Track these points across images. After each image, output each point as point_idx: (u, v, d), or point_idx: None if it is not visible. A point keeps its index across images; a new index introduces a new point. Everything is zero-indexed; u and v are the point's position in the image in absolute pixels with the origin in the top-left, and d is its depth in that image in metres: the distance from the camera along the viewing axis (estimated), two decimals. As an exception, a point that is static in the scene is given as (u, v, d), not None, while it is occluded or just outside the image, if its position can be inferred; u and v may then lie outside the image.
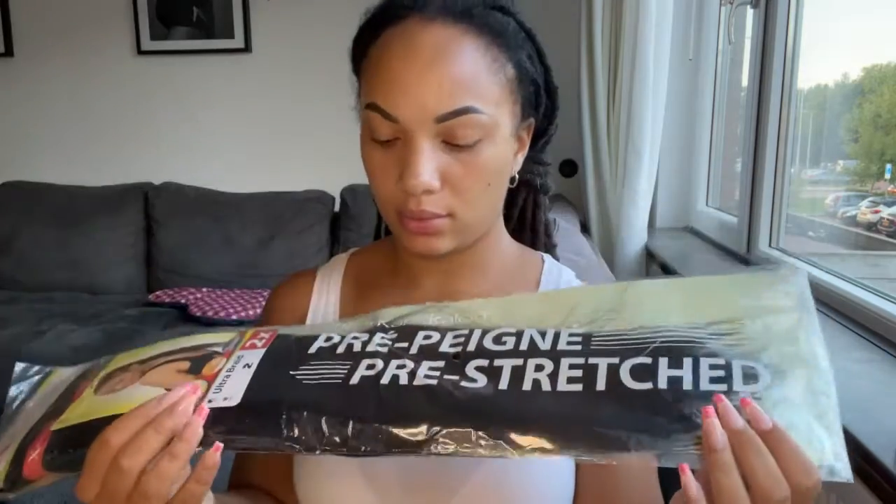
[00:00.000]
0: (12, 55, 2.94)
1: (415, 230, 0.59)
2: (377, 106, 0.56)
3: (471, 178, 0.58)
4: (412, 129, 0.56)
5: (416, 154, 0.55)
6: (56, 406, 0.53)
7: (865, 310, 1.11)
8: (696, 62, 2.17)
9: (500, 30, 0.60)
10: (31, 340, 2.12)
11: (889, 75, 1.39)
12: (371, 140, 0.59)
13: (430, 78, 0.55)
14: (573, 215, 2.12)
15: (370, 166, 0.60)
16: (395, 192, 0.58)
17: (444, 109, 0.55)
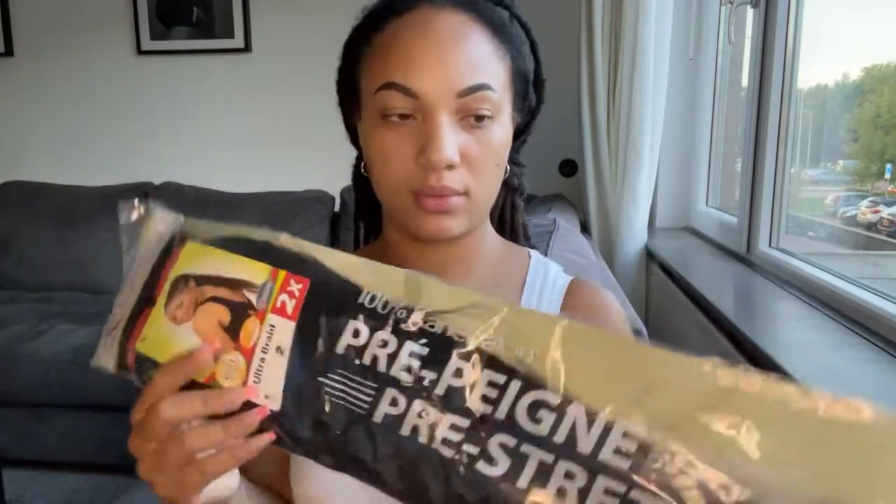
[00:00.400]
0: (12, 55, 2.95)
1: (432, 208, 0.59)
2: (396, 83, 0.58)
3: (485, 155, 0.60)
4: (434, 104, 0.58)
5: (440, 129, 0.57)
6: (147, 289, 0.55)
7: (865, 310, 1.11)
8: (696, 62, 2.17)
9: (500, 22, 0.63)
10: (31, 340, 2.12)
11: (889, 75, 1.39)
12: (383, 121, 0.59)
13: (450, 56, 0.58)
14: (573, 215, 2.12)
15: (383, 147, 0.60)
16: (412, 170, 0.59)
17: (465, 84, 0.58)
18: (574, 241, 1.44)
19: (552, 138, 2.72)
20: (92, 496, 2.09)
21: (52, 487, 2.13)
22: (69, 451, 2.15)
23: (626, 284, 2.01)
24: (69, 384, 2.04)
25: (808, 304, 1.25)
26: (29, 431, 2.15)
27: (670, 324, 1.77)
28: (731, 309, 1.30)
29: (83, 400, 2.06)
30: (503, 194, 0.74)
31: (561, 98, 2.72)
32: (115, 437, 2.12)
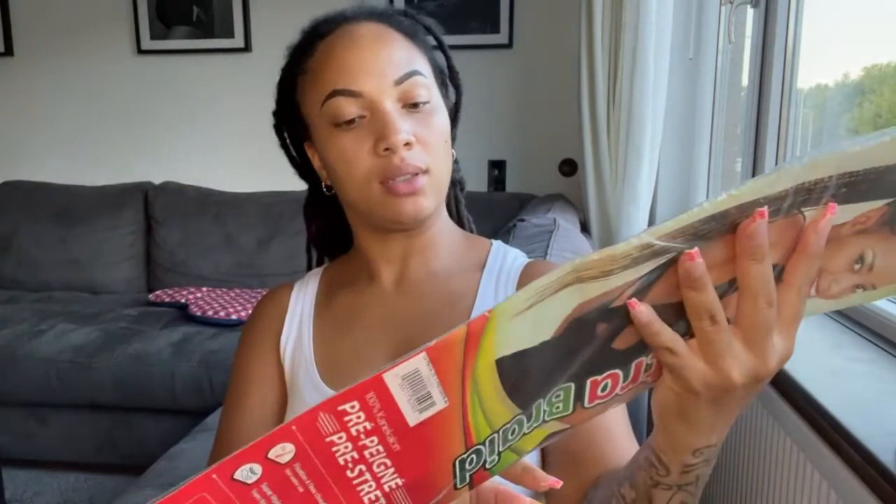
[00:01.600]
0: (12, 54, 2.95)
1: (403, 191, 0.64)
2: (340, 90, 0.64)
3: (432, 134, 0.66)
4: (377, 97, 0.64)
5: (389, 115, 0.64)
6: None
7: (865, 309, 1.11)
8: (696, 62, 2.17)
9: (410, 28, 0.70)
10: (31, 339, 2.12)
11: (889, 75, 1.39)
12: (336, 129, 0.65)
13: (380, 53, 0.65)
14: (573, 214, 2.12)
15: (342, 151, 0.65)
16: (374, 161, 0.64)
17: (399, 73, 0.65)
18: (574, 241, 1.44)
19: (552, 138, 2.73)
20: (92, 496, 2.09)
21: (51, 487, 2.13)
22: (69, 450, 2.15)
23: (626, 284, 2.01)
24: (69, 384, 2.05)
25: (808, 304, 1.25)
26: (29, 431, 2.15)
27: (670, 323, 1.77)
28: (731, 309, 1.29)
29: (83, 400, 2.06)
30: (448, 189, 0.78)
31: (561, 98, 2.73)
32: (114, 436, 2.12)
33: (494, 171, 2.74)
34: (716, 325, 0.37)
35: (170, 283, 2.65)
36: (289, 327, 0.76)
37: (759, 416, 1.08)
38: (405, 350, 0.68)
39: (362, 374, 0.69)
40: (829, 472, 0.83)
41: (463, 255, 0.75)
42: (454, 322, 0.67)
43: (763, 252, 0.36)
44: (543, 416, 0.39)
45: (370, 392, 0.34)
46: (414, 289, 0.72)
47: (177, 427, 1.96)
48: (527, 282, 0.69)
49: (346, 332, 0.73)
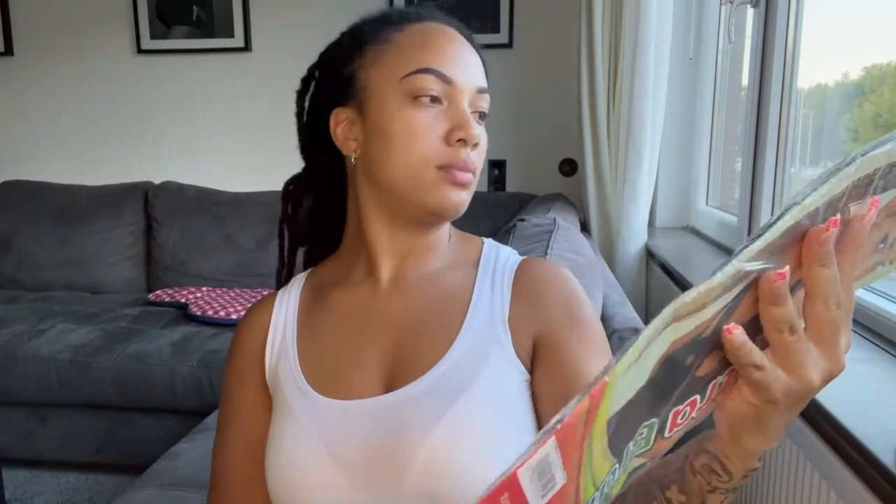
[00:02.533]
0: (12, 54, 2.95)
1: (461, 180, 0.66)
2: (435, 69, 0.66)
3: (484, 146, 0.70)
4: (462, 93, 0.67)
5: (469, 114, 0.67)
6: None
7: (865, 309, 1.11)
8: (696, 61, 2.17)
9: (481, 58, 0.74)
10: (31, 339, 2.12)
11: (889, 75, 1.38)
12: (413, 102, 0.66)
13: (472, 58, 0.70)
14: (573, 214, 2.12)
15: (413, 124, 0.66)
16: (440, 147, 0.66)
17: (481, 83, 0.70)
18: (574, 241, 1.44)
19: (552, 138, 2.73)
20: (92, 496, 2.09)
21: (51, 487, 2.13)
22: (69, 450, 2.15)
23: (625, 284, 2.01)
24: (69, 384, 2.05)
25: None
26: (29, 431, 2.15)
27: (670, 323, 1.76)
28: (731, 308, 1.29)
29: (83, 399, 2.06)
30: None
31: (561, 98, 2.73)
32: (114, 436, 2.12)
33: (494, 171, 2.74)
34: (795, 335, 0.37)
35: (170, 283, 2.65)
36: (272, 339, 0.75)
37: (758, 415, 1.08)
38: (397, 352, 0.68)
39: (352, 375, 0.67)
40: (828, 471, 0.83)
41: (458, 253, 0.75)
42: (449, 323, 0.67)
43: (831, 257, 0.36)
44: (630, 457, 0.39)
45: (504, 493, 0.32)
46: (409, 288, 0.72)
47: (176, 427, 1.97)
48: (523, 281, 0.70)
49: (336, 331, 0.72)
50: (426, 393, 0.64)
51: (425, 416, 0.62)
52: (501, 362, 0.66)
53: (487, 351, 0.66)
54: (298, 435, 0.66)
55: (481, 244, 0.77)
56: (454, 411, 0.62)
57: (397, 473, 0.62)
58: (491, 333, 0.67)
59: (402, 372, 0.67)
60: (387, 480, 0.62)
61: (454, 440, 0.61)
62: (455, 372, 0.65)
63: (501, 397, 0.64)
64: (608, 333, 1.18)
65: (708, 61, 2.15)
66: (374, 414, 0.65)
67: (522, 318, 0.68)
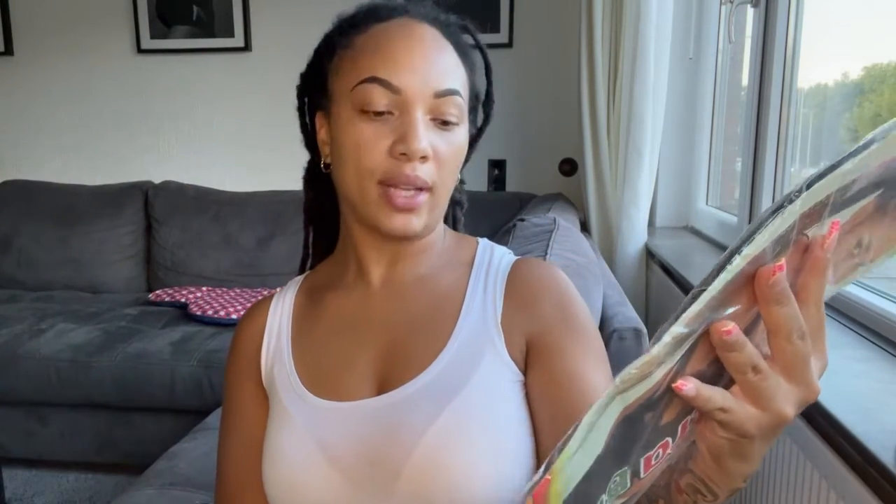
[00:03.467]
0: (12, 54, 2.95)
1: (400, 205, 0.63)
2: (380, 78, 0.63)
3: (450, 155, 0.65)
4: (412, 100, 0.63)
5: (417, 123, 0.63)
6: None
7: (865, 309, 1.11)
8: (696, 61, 2.17)
9: (465, 45, 0.70)
10: (31, 339, 2.12)
11: (889, 75, 1.39)
12: (360, 115, 0.63)
13: (432, 59, 0.64)
14: (573, 214, 2.12)
15: (358, 138, 0.63)
16: (385, 162, 0.63)
17: (441, 86, 0.64)
18: (574, 241, 1.44)
19: (552, 138, 2.73)
20: (92, 495, 2.09)
21: (51, 486, 2.13)
22: (69, 449, 2.15)
23: (625, 283, 2.01)
24: (69, 383, 2.05)
25: (807, 304, 1.25)
26: (29, 430, 2.15)
27: (670, 323, 1.77)
28: (731, 308, 1.29)
29: (83, 399, 2.06)
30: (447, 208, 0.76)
31: (561, 97, 2.73)
32: (114, 435, 2.12)
33: (494, 171, 2.74)
34: (760, 374, 0.36)
35: (170, 283, 2.65)
36: (268, 341, 0.75)
37: (758, 415, 1.08)
38: (391, 354, 0.68)
39: (346, 377, 0.67)
40: (828, 470, 0.83)
41: (452, 254, 0.74)
42: (442, 324, 0.67)
43: (787, 295, 0.35)
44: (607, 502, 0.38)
45: None
46: (402, 290, 0.71)
47: (176, 426, 1.97)
48: (517, 282, 0.70)
49: (330, 333, 0.72)
50: (419, 394, 0.64)
51: (419, 418, 0.62)
52: (495, 363, 0.65)
53: (480, 352, 0.66)
54: (293, 436, 0.66)
55: (476, 244, 0.76)
56: (448, 413, 0.62)
57: (392, 474, 0.62)
58: (484, 335, 0.67)
59: (395, 374, 0.67)
60: (382, 481, 0.62)
61: (448, 442, 0.61)
62: (448, 373, 0.64)
63: (495, 399, 0.64)
64: (608, 333, 1.18)
65: (708, 61, 2.15)
66: (368, 415, 0.65)
67: (515, 319, 0.67)
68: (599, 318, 1.24)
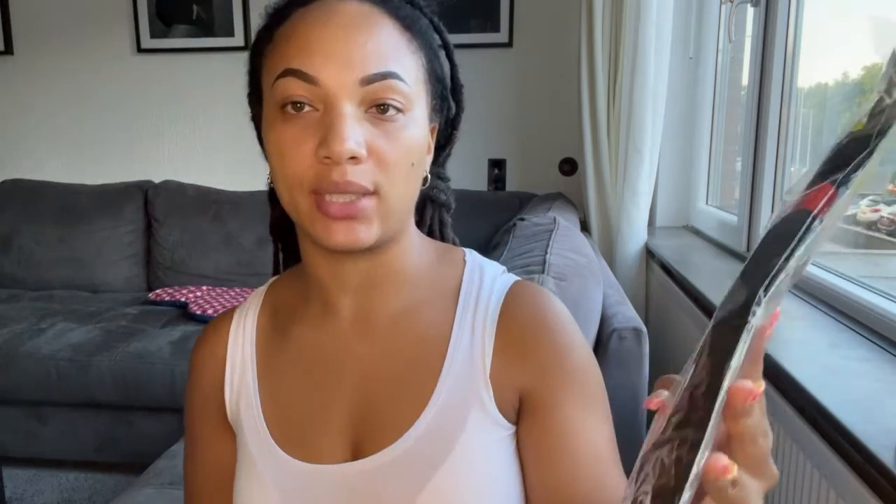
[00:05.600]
0: (12, 53, 2.95)
1: (336, 213, 0.53)
2: (293, 69, 0.53)
3: (396, 151, 0.54)
4: (335, 93, 0.53)
5: (341, 118, 0.52)
6: None
7: (865, 308, 1.11)
8: (696, 60, 2.17)
9: (412, 19, 0.58)
10: (32, 338, 2.12)
11: (889, 74, 1.38)
12: (281, 114, 0.54)
13: (355, 40, 0.53)
14: (573, 214, 2.12)
15: (280, 142, 0.54)
16: (312, 166, 0.53)
17: (369, 70, 0.53)
18: (574, 240, 1.44)
19: (552, 137, 2.73)
20: (91, 494, 2.09)
21: (51, 485, 2.13)
22: (69, 449, 2.15)
23: (625, 283, 2.01)
24: (69, 382, 2.05)
25: (807, 303, 1.25)
26: (29, 430, 2.15)
27: (670, 322, 1.77)
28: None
29: (83, 398, 2.06)
30: (430, 211, 0.69)
31: (561, 97, 2.73)
32: (114, 435, 2.12)
33: (494, 170, 2.74)
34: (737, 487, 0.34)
35: (170, 282, 2.65)
36: (230, 373, 0.67)
37: (758, 415, 1.08)
38: (366, 410, 0.60)
39: (318, 434, 0.61)
40: (827, 470, 0.83)
41: (435, 277, 0.64)
42: (423, 375, 0.60)
43: (751, 407, 0.34)
44: None
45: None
46: (377, 329, 0.62)
47: (176, 425, 1.97)
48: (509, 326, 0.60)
49: (296, 379, 0.63)
50: (399, 463, 0.57)
51: (401, 490, 0.56)
52: (483, 423, 0.58)
53: (466, 410, 0.58)
54: (260, 493, 0.61)
55: (462, 263, 0.65)
56: (432, 486, 0.56)
57: None
58: (470, 389, 0.59)
59: (370, 435, 0.59)
60: None
61: (433, 496, 0.56)
62: (430, 438, 0.57)
63: (483, 464, 0.58)
64: (608, 333, 1.18)
65: (708, 61, 2.15)
66: (340, 483, 0.58)
67: (507, 372, 0.59)
68: (599, 318, 1.24)
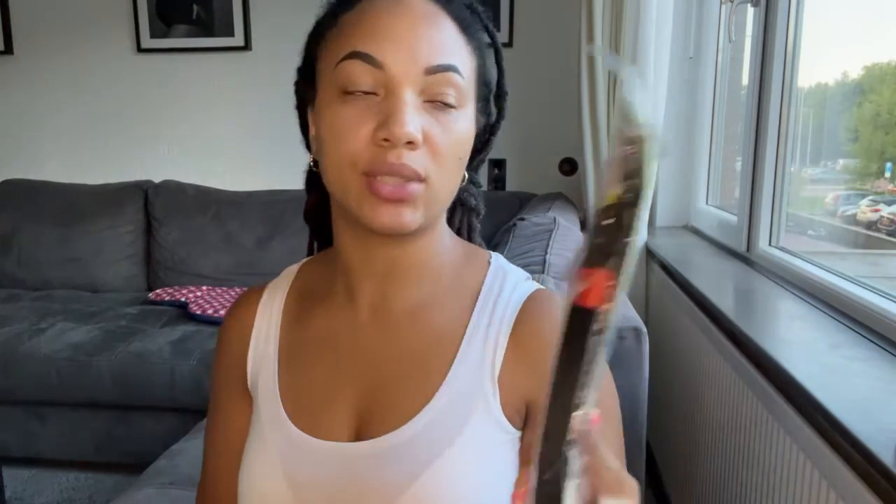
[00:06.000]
0: (12, 53, 2.95)
1: (387, 195, 0.54)
2: (360, 52, 0.55)
3: (448, 142, 0.56)
4: (399, 79, 0.54)
5: (403, 103, 0.54)
6: None
7: (865, 308, 1.11)
8: (696, 60, 2.17)
9: (469, 21, 0.61)
10: (32, 338, 2.12)
11: (889, 74, 1.39)
12: (341, 96, 0.56)
13: (422, 32, 0.56)
14: (573, 213, 2.12)
15: (337, 122, 0.55)
16: (367, 148, 0.54)
17: (434, 61, 0.55)
18: (574, 240, 1.44)
19: (552, 137, 2.73)
20: (91, 494, 2.09)
21: (51, 485, 2.13)
22: (69, 449, 2.15)
23: (625, 283, 2.01)
24: (69, 382, 2.05)
25: (807, 303, 1.25)
26: (29, 429, 2.15)
27: (670, 322, 1.77)
28: (731, 308, 1.30)
29: (83, 398, 2.06)
30: (460, 214, 0.71)
31: (561, 97, 2.73)
32: (114, 435, 2.12)
33: (494, 170, 2.74)
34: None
35: (170, 282, 2.65)
36: (255, 344, 0.69)
37: (757, 414, 1.08)
38: (374, 394, 0.62)
39: (325, 411, 0.63)
40: (827, 470, 0.83)
41: (456, 276, 0.65)
42: (433, 369, 0.61)
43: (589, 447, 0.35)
44: None
45: None
46: (393, 320, 0.64)
47: (176, 425, 1.97)
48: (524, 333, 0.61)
49: (314, 359, 0.66)
50: (400, 449, 0.58)
51: (397, 475, 0.57)
52: (485, 423, 0.59)
53: (471, 408, 0.59)
54: (264, 460, 0.63)
55: (487, 265, 0.67)
56: (428, 476, 0.57)
57: None
58: (477, 388, 0.60)
59: (375, 419, 0.61)
60: None
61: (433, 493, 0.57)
62: (433, 430, 0.58)
63: (482, 461, 0.59)
64: (608, 332, 1.18)
65: (708, 60, 2.15)
66: (343, 461, 0.60)
67: (517, 378, 0.60)
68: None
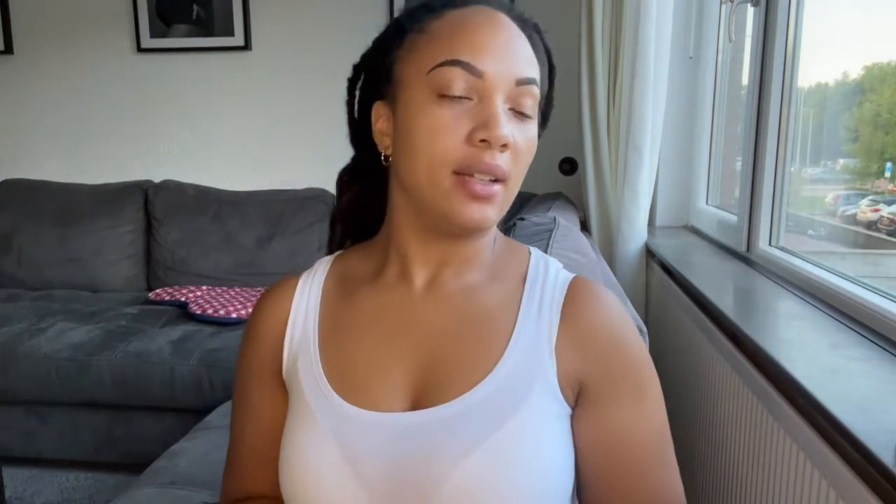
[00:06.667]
0: (12, 53, 2.95)
1: (477, 192, 0.59)
2: (463, 61, 0.60)
3: (526, 148, 0.63)
4: (494, 87, 0.60)
5: (499, 109, 0.60)
6: None
7: (865, 308, 1.10)
8: (696, 60, 2.17)
9: (536, 40, 0.67)
10: (31, 338, 2.12)
11: (890, 74, 1.38)
12: (438, 99, 0.60)
13: (515, 46, 0.62)
14: (573, 213, 2.12)
15: (434, 122, 0.60)
16: (461, 148, 0.59)
17: (524, 74, 0.62)
18: (574, 240, 1.44)
19: (552, 137, 2.72)
20: (91, 494, 2.09)
21: (51, 485, 2.13)
22: (69, 448, 2.15)
23: (625, 283, 2.01)
24: (69, 382, 2.05)
25: (807, 303, 1.25)
26: (29, 429, 2.15)
27: (670, 322, 1.77)
28: (731, 307, 1.30)
29: (83, 398, 2.06)
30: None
31: (561, 96, 2.71)
32: (114, 434, 2.12)
33: (494, 170, 2.74)
34: None
35: (170, 282, 2.65)
36: (292, 331, 0.70)
37: (757, 414, 1.08)
38: (431, 367, 0.64)
39: (378, 384, 0.64)
40: (827, 470, 0.83)
41: (502, 264, 0.70)
42: (492, 342, 0.63)
43: None
44: None
45: None
46: (447, 298, 0.67)
47: (176, 425, 1.97)
48: (574, 311, 0.65)
49: (360, 335, 0.67)
50: (462, 417, 0.60)
51: (459, 443, 0.59)
52: (546, 394, 0.62)
53: (532, 380, 0.62)
54: (315, 438, 0.63)
55: (528, 255, 0.72)
56: (491, 443, 0.58)
57: (421, 499, 0.58)
58: (536, 361, 0.63)
59: (433, 390, 0.62)
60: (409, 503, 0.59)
61: (488, 475, 0.58)
62: (495, 399, 0.60)
63: (541, 435, 0.61)
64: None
65: (708, 60, 2.15)
66: (401, 431, 0.61)
67: (570, 353, 0.63)
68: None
